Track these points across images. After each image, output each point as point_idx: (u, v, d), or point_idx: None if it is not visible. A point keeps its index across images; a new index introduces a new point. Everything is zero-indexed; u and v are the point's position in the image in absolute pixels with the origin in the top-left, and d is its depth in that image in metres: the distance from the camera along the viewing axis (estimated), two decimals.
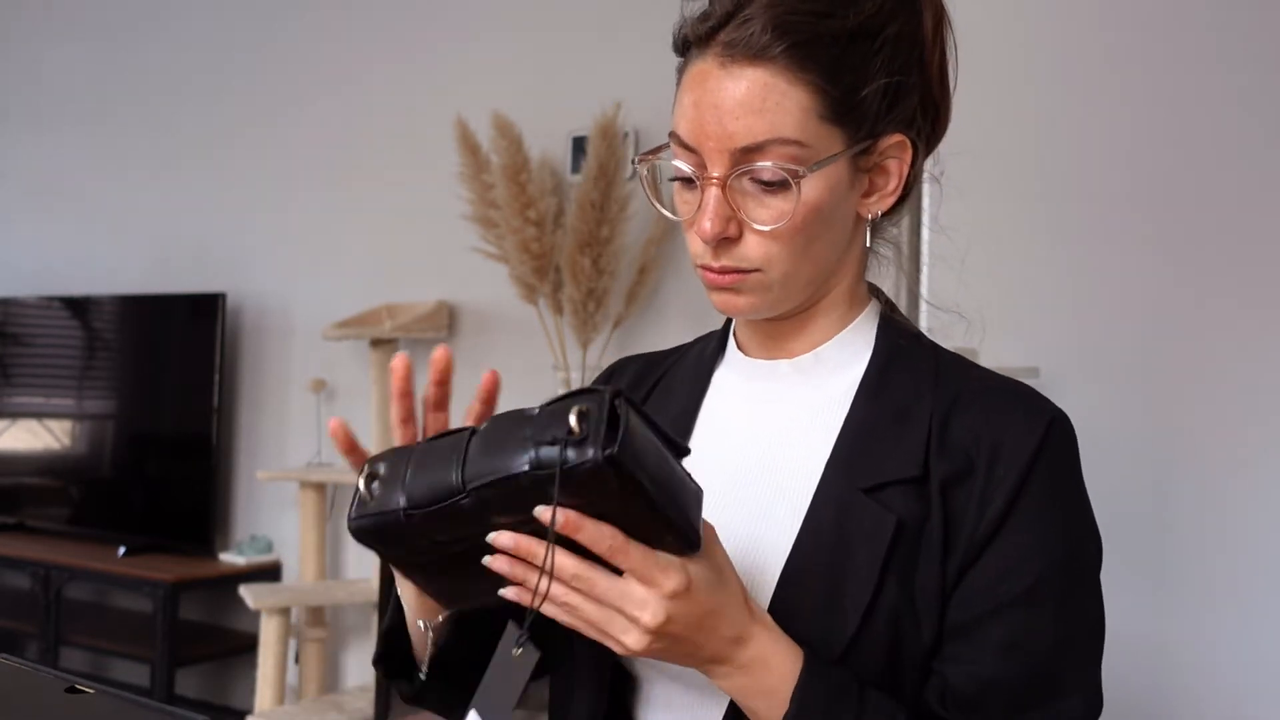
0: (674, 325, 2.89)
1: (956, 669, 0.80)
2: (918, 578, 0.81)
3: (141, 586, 3.36)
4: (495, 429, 0.71)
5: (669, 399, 0.97)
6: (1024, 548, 0.81)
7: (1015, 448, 0.82)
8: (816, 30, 0.80)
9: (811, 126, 0.80)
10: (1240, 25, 1.91)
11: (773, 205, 0.81)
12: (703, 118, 0.81)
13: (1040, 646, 0.80)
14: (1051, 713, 0.79)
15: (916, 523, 0.81)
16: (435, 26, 3.36)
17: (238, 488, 3.74)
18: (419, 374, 0.94)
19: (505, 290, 2.93)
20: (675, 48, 0.88)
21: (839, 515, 0.83)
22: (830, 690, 0.76)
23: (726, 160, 0.81)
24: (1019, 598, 0.80)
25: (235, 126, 3.78)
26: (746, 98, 0.80)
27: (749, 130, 0.80)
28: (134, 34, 4.07)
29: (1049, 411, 0.84)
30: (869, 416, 0.86)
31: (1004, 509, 0.81)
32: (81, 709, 0.65)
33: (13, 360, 4.11)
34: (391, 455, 0.75)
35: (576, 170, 2.97)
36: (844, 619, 0.80)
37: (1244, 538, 1.87)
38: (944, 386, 0.87)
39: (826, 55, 0.80)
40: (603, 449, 0.65)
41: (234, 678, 3.70)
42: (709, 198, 0.82)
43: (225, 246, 3.79)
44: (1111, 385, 1.96)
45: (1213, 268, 1.92)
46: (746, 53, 0.80)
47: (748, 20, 0.80)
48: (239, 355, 3.73)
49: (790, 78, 0.80)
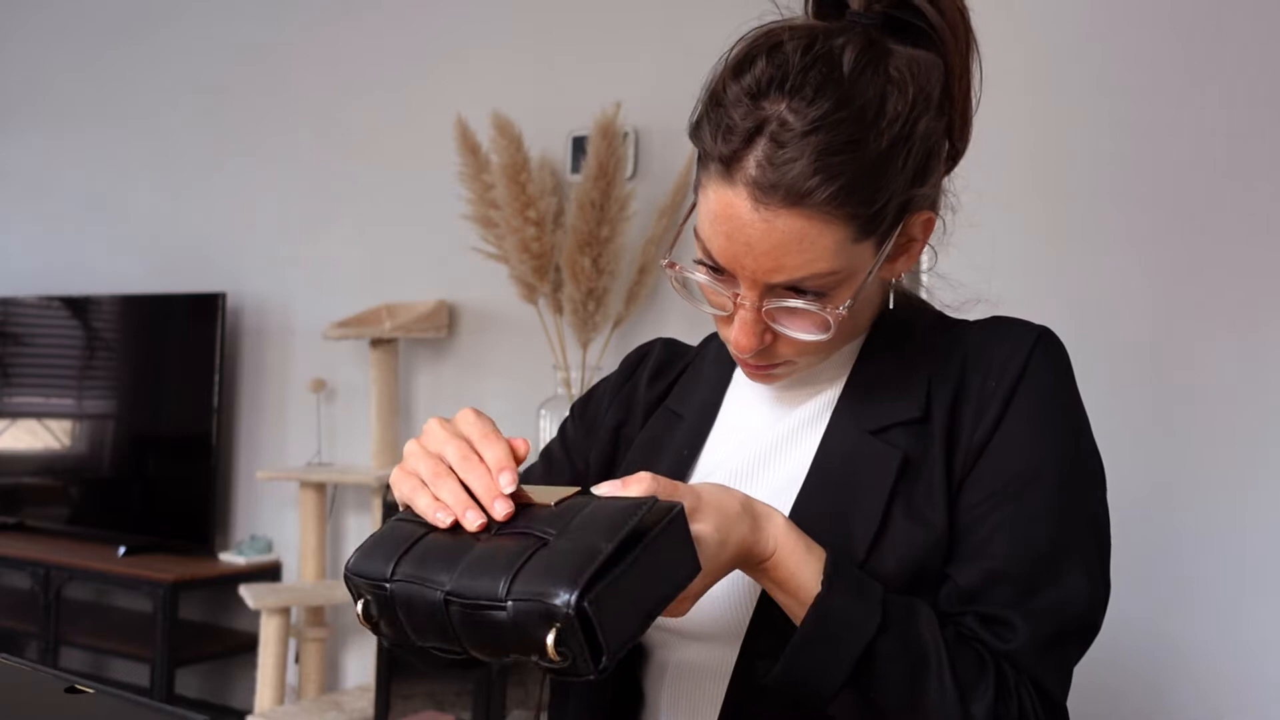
0: (674, 325, 2.89)
1: (963, 567, 0.82)
2: (923, 505, 0.83)
3: (141, 586, 3.36)
4: (475, 619, 0.67)
5: (692, 392, 1.00)
6: (1019, 446, 0.83)
7: (1005, 361, 0.85)
8: (855, 165, 0.76)
9: (845, 252, 0.79)
10: (1239, 23, 1.91)
11: (808, 317, 0.83)
12: (735, 250, 0.80)
13: (1040, 537, 0.81)
14: (1056, 595, 0.81)
15: (920, 457, 0.84)
16: (435, 26, 3.36)
17: (238, 488, 3.74)
18: (418, 374, 0.94)
19: (505, 290, 2.93)
20: (691, 137, 0.83)
21: (846, 455, 0.86)
22: (852, 595, 0.77)
23: (760, 289, 0.81)
24: (1017, 493, 0.82)
25: (235, 126, 3.78)
26: (783, 241, 0.78)
27: (783, 269, 0.79)
28: (134, 34, 4.07)
29: (1037, 327, 0.88)
30: (873, 370, 0.90)
31: (997, 416, 0.84)
32: (81, 709, 0.65)
33: (13, 360, 4.11)
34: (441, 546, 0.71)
35: (576, 170, 2.97)
36: (854, 547, 0.81)
37: (1244, 538, 1.87)
38: (943, 335, 0.90)
39: (864, 186, 0.77)
40: (594, 666, 0.64)
41: (234, 678, 3.70)
42: (742, 318, 0.82)
43: (225, 246, 3.79)
44: (1111, 385, 1.96)
45: (1213, 267, 1.92)
46: (784, 198, 0.76)
47: (786, 162, 0.76)
48: (239, 355, 3.73)
49: (828, 217, 0.77)
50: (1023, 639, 0.79)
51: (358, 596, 0.72)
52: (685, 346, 1.07)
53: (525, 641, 0.65)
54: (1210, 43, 1.94)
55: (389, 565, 0.70)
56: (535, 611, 0.63)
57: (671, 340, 1.08)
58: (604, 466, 1.00)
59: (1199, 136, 1.94)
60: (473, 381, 3.24)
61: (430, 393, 3.32)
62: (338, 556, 3.45)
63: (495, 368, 3.20)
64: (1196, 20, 1.95)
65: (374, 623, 0.72)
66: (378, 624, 0.72)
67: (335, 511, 3.42)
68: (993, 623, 0.80)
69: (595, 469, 1.01)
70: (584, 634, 0.63)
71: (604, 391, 1.06)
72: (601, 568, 0.65)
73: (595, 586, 0.64)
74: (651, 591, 0.68)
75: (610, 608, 0.64)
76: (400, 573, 0.70)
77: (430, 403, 3.32)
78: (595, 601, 0.63)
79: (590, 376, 2.82)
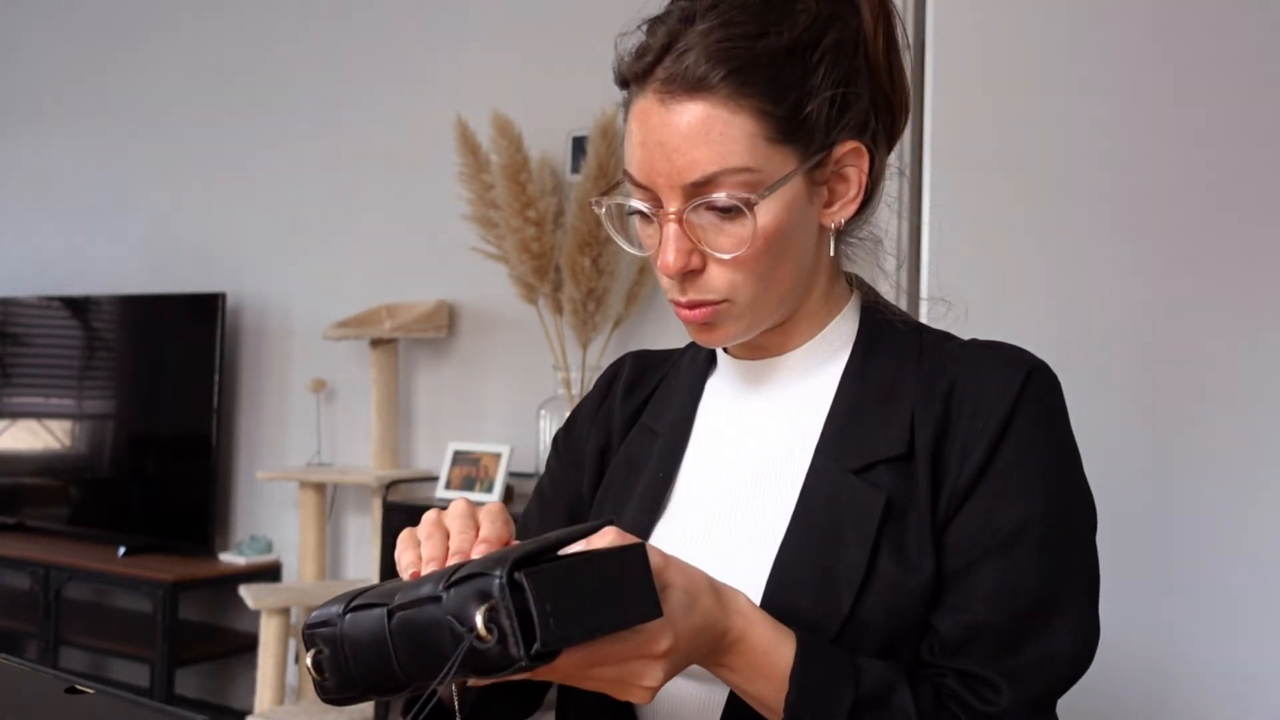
0: (674, 325, 2.88)
1: (944, 616, 0.80)
2: (910, 550, 0.81)
3: (141, 586, 3.36)
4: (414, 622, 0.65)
5: (666, 408, 0.98)
6: (1006, 495, 0.81)
7: (994, 397, 0.83)
8: (753, 53, 0.79)
9: (760, 151, 0.80)
10: (1235, 21, 1.91)
11: (731, 233, 0.81)
12: (650, 156, 0.81)
13: (1026, 589, 0.80)
14: (1038, 653, 0.79)
15: (906, 498, 0.82)
16: (435, 26, 3.36)
17: (238, 488, 3.74)
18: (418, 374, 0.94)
19: (505, 290, 2.93)
20: (616, 83, 0.88)
21: (830, 497, 0.83)
22: (827, 669, 0.76)
23: (680, 195, 0.81)
24: (1003, 543, 0.80)
25: (235, 126, 3.78)
26: (690, 132, 0.79)
27: (696, 164, 0.79)
28: (134, 34, 4.07)
29: (1028, 362, 0.85)
30: (855, 400, 0.87)
31: (984, 458, 0.81)
32: (81, 709, 0.65)
33: (13, 360, 4.11)
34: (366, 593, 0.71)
35: (576, 170, 2.97)
36: (839, 598, 0.80)
37: (1244, 538, 1.87)
38: (927, 361, 0.87)
39: (765, 77, 0.79)
40: (524, 650, 0.60)
41: (234, 678, 3.70)
42: (667, 233, 0.82)
43: (225, 246, 3.79)
44: (1110, 385, 1.96)
45: (1213, 266, 1.92)
46: (685, 86, 0.79)
47: (683, 53, 0.80)
48: (239, 355, 3.73)
49: (732, 105, 0.79)
50: (1006, 701, 0.78)
51: (310, 646, 0.71)
52: (660, 355, 1.06)
53: (457, 636, 0.62)
54: (1209, 43, 1.94)
55: (344, 604, 0.70)
56: (470, 591, 0.61)
57: (642, 353, 1.06)
58: (595, 496, 0.99)
59: (1199, 135, 1.94)
60: (473, 382, 3.24)
61: (430, 393, 3.32)
62: (338, 557, 3.45)
63: (495, 368, 3.20)
64: (1196, 21, 1.95)
65: (322, 673, 0.70)
66: (324, 672, 0.70)
67: (335, 512, 3.42)
68: (974, 682, 0.79)
69: (589, 500, 1.00)
70: (518, 616, 0.60)
71: (583, 417, 1.04)
72: (545, 549, 0.63)
73: (536, 564, 0.62)
74: (602, 606, 0.64)
75: (549, 591, 0.61)
76: (353, 605, 0.69)
77: (430, 403, 3.32)
78: (533, 576, 0.61)
79: (590, 377, 2.82)
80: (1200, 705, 1.88)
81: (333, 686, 0.70)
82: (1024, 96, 2.07)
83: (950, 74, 2.10)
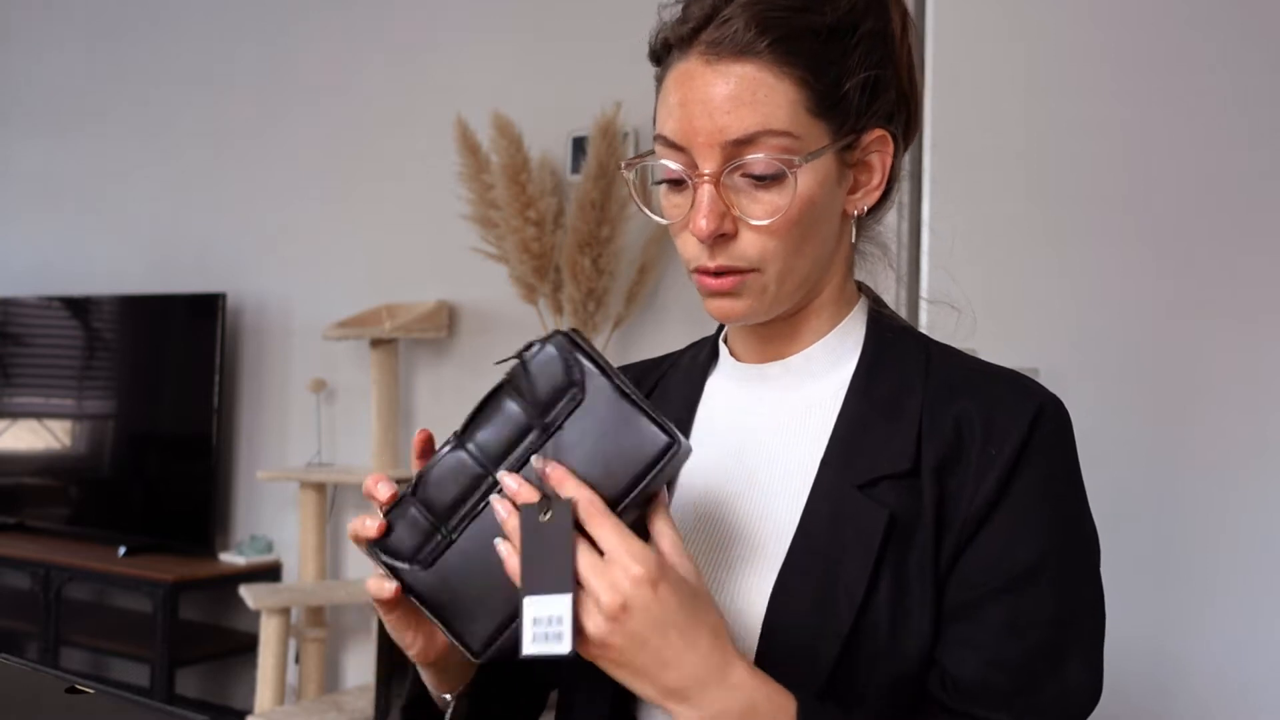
0: (674, 325, 2.89)
1: (958, 654, 0.80)
2: (912, 569, 0.80)
3: (141, 586, 3.36)
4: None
5: (663, 407, 0.97)
6: (1018, 532, 0.80)
7: (1006, 431, 0.82)
8: (797, 25, 0.81)
9: (801, 119, 0.81)
10: (1240, 24, 1.91)
11: (766, 200, 0.82)
12: (691, 114, 0.81)
13: (1040, 626, 0.79)
14: (1056, 689, 0.79)
15: (910, 516, 0.81)
16: (435, 26, 3.36)
17: (238, 488, 3.74)
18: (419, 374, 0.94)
19: (505, 290, 2.93)
20: (653, 54, 0.89)
21: (833, 513, 0.83)
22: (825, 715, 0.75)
23: (718, 155, 0.81)
24: (1016, 580, 0.80)
25: (235, 126, 3.78)
26: (736, 91, 0.80)
27: (740, 122, 0.80)
28: (134, 34, 4.07)
29: (1040, 396, 0.85)
30: (860, 413, 0.86)
31: (996, 493, 0.81)
32: (81, 709, 0.65)
33: (13, 360, 4.11)
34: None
35: (576, 170, 2.97)
36: (839, 616, 0.79)
37: (1244, 538, 1.87)
38: (934, 377, 0.87)
39: (809, 49, 0.81)
40: (563, 333, 0.78)
41: (234, 678, 3.70)
42: (702, 195, 0.81)
43: (225, 246, 3.79)
44: (1111, 385, 1.96)
45: (1213, 267, 1.92)
46: (732, 49, 0.81)
47: (729, 20, 0.81)
48: (239, 355, 3.73)
49: (777, 71, 0.80)
50: None
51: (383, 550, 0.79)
52: (647, 364, 1.05)
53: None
54: (1209, 43, 1.94)
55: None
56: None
57: (635, 364, 1.05)
58: None
59: (1199, 136, 1.94)
60: (473, 382, 3.24)
61: (430, 393, 3.32)
62: (338, 557, 3.45)
63: (495, 368, 3.19)
64: (1196, 21, 1.95)
65: (391, 550, 0.79)
66: (394, 548, 0.79)
67: (335, 512, 3.42)
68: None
69: None
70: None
71: None
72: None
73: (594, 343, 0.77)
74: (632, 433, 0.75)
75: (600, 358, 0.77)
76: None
77: (430, 403, 3.32)
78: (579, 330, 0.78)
79: None
80: (1201, 705, 1.88)
81: (405, 554, 0.79)
82: (1024, 96, 2.07)
83: (950, 74, 2.10)
